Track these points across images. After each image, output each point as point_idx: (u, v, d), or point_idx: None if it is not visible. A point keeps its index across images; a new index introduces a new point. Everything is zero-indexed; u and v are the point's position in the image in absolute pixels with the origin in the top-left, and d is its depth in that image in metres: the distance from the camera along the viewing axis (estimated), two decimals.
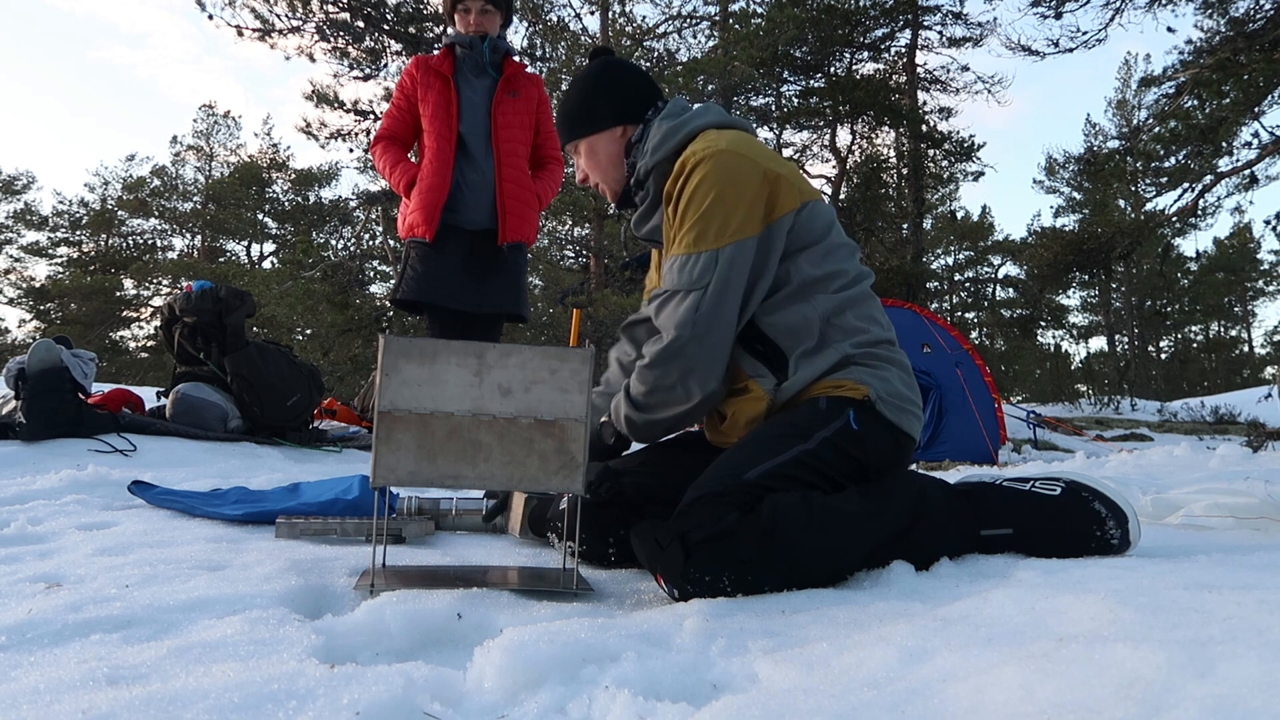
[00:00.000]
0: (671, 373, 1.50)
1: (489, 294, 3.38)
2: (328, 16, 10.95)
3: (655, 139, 1.61)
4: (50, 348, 3.26)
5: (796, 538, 1.27)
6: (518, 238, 3.39)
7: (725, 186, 1.47)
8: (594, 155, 1.69)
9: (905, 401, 1.50)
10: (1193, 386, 34.43)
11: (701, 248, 1.47)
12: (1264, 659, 0.69)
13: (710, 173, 1.48)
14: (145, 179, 30.75)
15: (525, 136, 3.45)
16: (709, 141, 1.52)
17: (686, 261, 1.49)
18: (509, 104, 3.40)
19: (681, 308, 1.48)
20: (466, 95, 3.38)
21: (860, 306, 1.54)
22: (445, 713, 0.83)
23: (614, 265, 10.94)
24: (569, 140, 1.72)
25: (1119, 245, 10.66)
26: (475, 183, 3.36)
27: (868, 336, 1.51)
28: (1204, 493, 2.15)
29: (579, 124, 1.69)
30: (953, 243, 32.21)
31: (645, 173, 1.63)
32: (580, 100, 1.69)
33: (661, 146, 1.59)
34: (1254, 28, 8.43)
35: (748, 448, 1.43)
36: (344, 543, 1.80)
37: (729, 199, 1.47)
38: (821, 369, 1.48)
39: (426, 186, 3.30)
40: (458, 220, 3.35)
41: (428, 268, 3.34)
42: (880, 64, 17.74)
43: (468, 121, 3.36)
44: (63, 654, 0.98)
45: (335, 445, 4.04)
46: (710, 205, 1.47)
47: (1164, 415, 14.49)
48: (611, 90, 1.67)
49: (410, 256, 3.37)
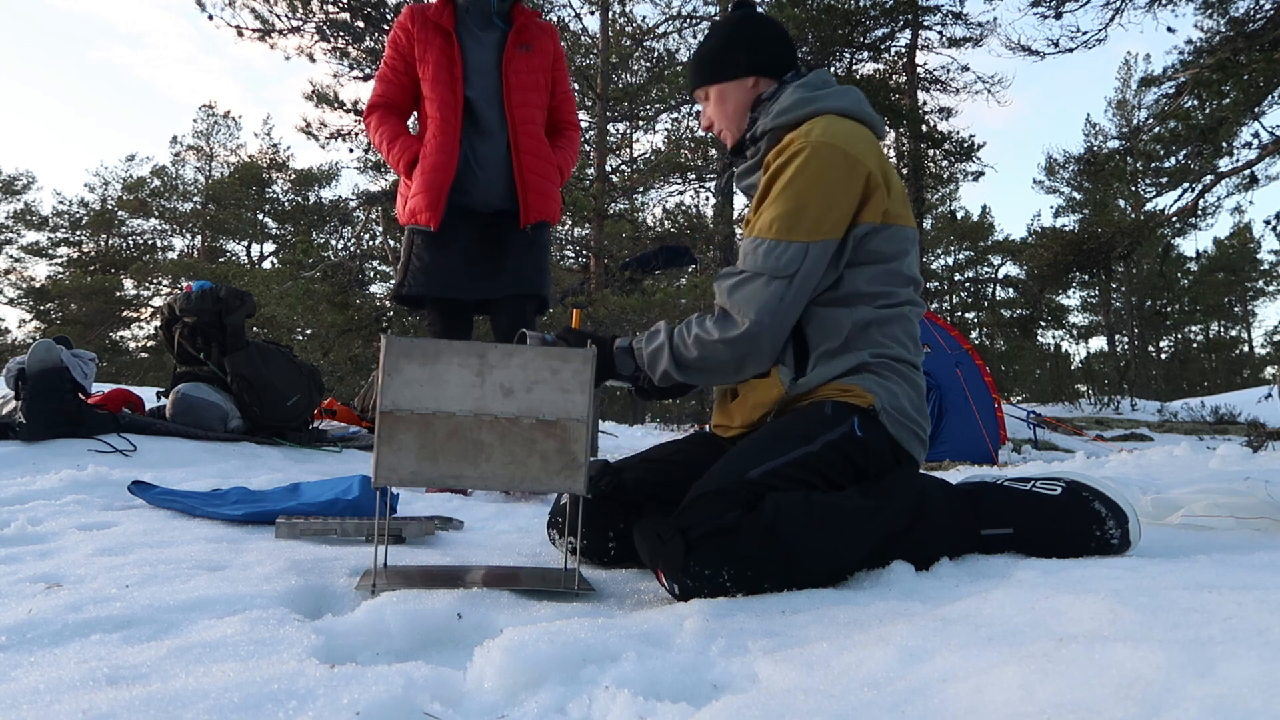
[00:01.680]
0: (736, 354, 1.49)
1: (507, 276, 2.94)
2: (328, 16, 10.94)
3: (784, 103, 1.60)
4: (50, 348, 3.25)
5: (797, 535, 1.27)
6: (542, 217, 2.94)
7: (829, 181, 1.47)
8: (723, 102, 1.69)
9: (910, 420, 1.50)
10: (1193, 386, 34.43)
11: (794, 237, 1.46)
12: (1264, 659, 0.69)
13: (816, 162, 1.47)
14: (145, 179, 30.75)
15: (541, 99, 2.98)
16: (824, 128, 1.51)
17: (775, 247, 1.47)
18: (522, 60, 2.91)
19: (765, 294, 1.47)
20: (473, 52, 2.89)
21: (894, 325, 1.53)
22: (445, 713, 0.83)
23: (614, 265, 10.94)
24: (700, 84, 1.72)
25: (1119, 245, 10.66)
26: (487, 158, 2.90)
27: (889, 351, 1.52)
28: (1204, 493, 2.15)
29: (714, 70, 1.69)
30: (953, 243, 32.20)
31: (762, 132, 1.63)
32: (719, 47, 1.69)
33: (786, 113, 1.59)
34: (1254, 28, 8.42)
35: (751, 448, 1.44)
36: (344, 543, 1.80)
37: (830, 195, 1.47)
38: (836, 371, 1.49)
39: (430, 165, 2.84)
40: (468, 203, 2.91)
41: (434, 258, 2.91)
42: (880, 64, 17.72)
43: (476, 84, 2.87)
44: (63, 654, 0.98)
45: (335, 445, 4.03)
46: (809, 195, 1.47)
47: (1164, 415, 14.50)
48: (751, 42, 1.68)
49: (414, 245, 2.95)
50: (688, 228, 14.77)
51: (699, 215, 15.45)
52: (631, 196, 13.67)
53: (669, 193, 14.57)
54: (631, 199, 14.00)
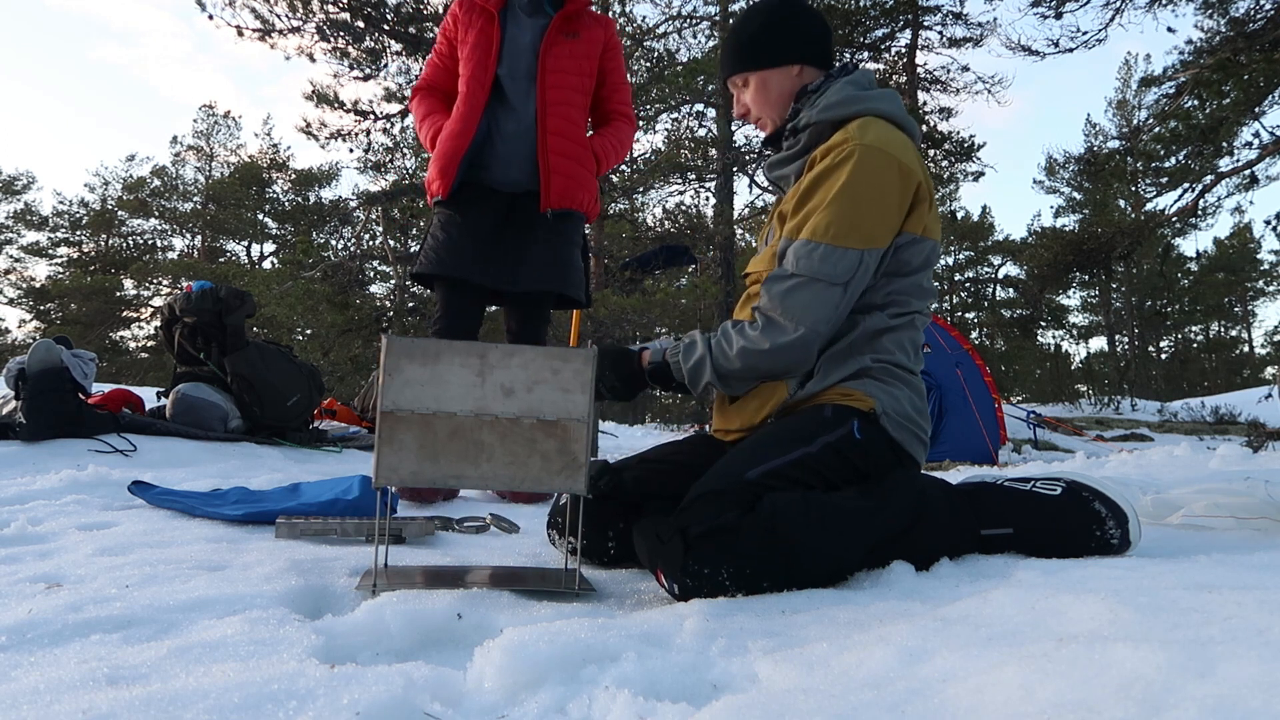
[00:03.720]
0: (785, 361, 1.47)
1: (527, 268, 2.77)
2: (328, 16, 10.94)
3: (833, 97, 1.55)
4: (50, 348, 3.25)
5: (796, 534, 1.27)
6: (566, 204, 2.76)
7: (884, 189, 1.45)
8: (765, 89, 1.63)
9: (911, 423, 1.50)
10: (1193, 386, 34.43)
11: (850, 244, 1.44)
12: (1264, 659, 0.69)
13: (873, 167, 1.44)
14: (145, 179, 30.77)
15: (582, 84, 2.85)
16: (879, 132, 1.47)
17: (831, 253, 1.44)
18: (564, 46, 2.81)
19: (820, 301, 1.44)
20: (512, 34, 2.81)
21: (900, 334, 1.53)
22: (445, 713, 0.83)
23: (614, 265, 10.94)
24: (741, 69, 1.65)
25: (1119, 245, 10.66)
26: (513, 134, 2.78)
27: (891, 357, 1.51)
28: (1204, 493, 2.14)
29: (760, 54, 1.62)
30: (953, 243, 32.21)
31: (806, 124, 1.58)
32: (762, 31, 1.62)
33: (835, 107, 1.55)
34: (1254, 28, 8.42)
35: (750, 449, 1.44)
36: (344, 543, 1.80)
37: (885, 203, 1.45)
38: (839, 375, 1.49)
39: (447, 134, 2.75)
40: (488, 179, 2.79)
41: (447, 236, 2.77)
42: (880, 64, 17.72)
43: (509, 63, 2.79)
44: (63, 654, 0.98)
45: (335, 445, 4.04)
46: (865, 202, 1.44)
47: (1164, 415, 14.50)
48: (797, 28, 1.62)
49: (433, 224, 2.85)
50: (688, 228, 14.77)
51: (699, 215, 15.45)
52: (631, 196, 13.67)
53: (669, 193, 14.58)
54: (631, 199, 14.00)
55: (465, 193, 2.76)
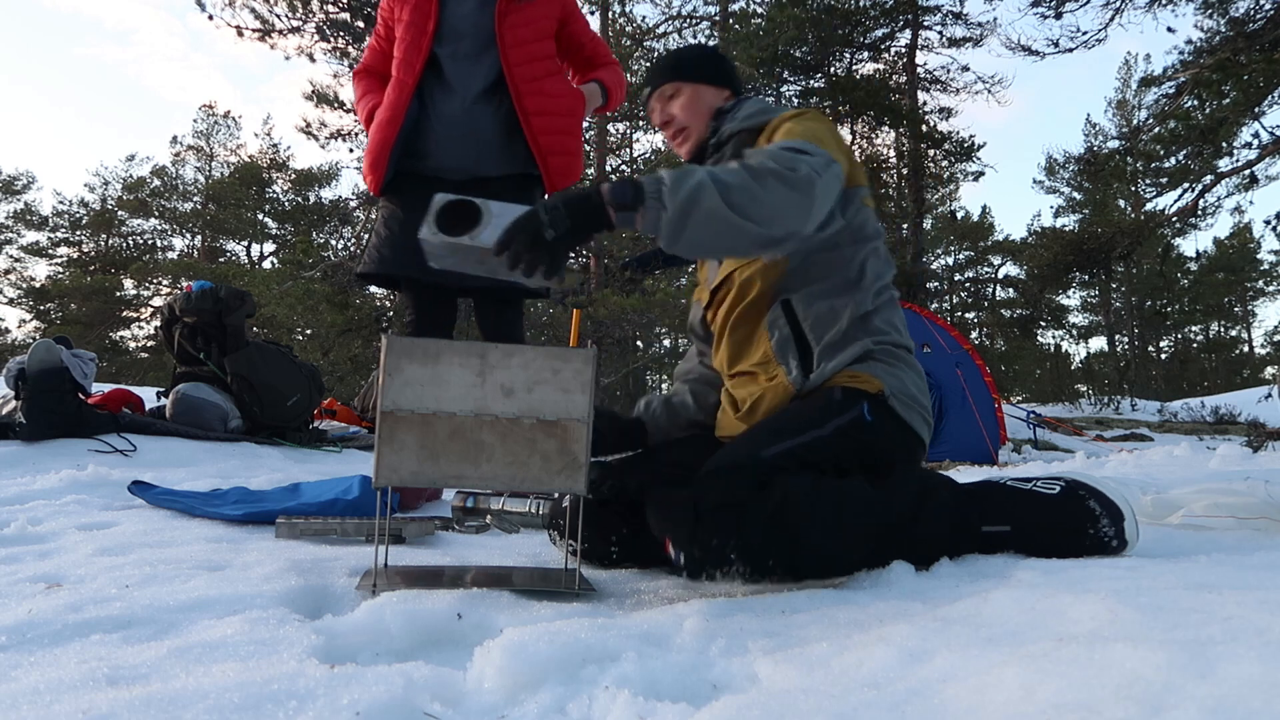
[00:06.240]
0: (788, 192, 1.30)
1: None
2: (328, 16, 10.96)
3: (750, 109, 1.69)
4: (50, 348, 3.26)
5: (804, 514, 1.29)
6: (571, 181, 2.62)
7: (832, 131, 1.54)
8: (697, 102, 1.72)
9: (916, 403, 1.52)
10: (1193, 386, 34.42)
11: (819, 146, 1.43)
12: (1264, 659, 0.69)
13: (816, 119, 1.56)
14: (145, 179, 30.76)
15: (546, 50, 2.63)
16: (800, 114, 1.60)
17: (806, 144, 1.41)
18: (519, 14, 2.56)
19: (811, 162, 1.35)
20: (453, 10, 2.57)
21: (887, 312, 1.57)
22: (445, 713, 0.83)
23: (614, 265, 10.95)
24: (678, 78, 1.74)
25: (1119, 245, 10.67)
26: (452, 116, 2.57)
27: (888, 338, 1.54)
28: (1204, 493, 2.14)
29: (699, 68, 1.75)
30: (953, 243, 32.21)
31: (729, 135, 1.67)
32: (701, 55, 1.79)
33: (755, 116, 1.66)
34: (1254, 28, 8.43)
35: (765, 429, 1.46)
36: (344, 543, 1.80)
37: (836, 140, 1.52)
38: (845, 361, 1.50)
39: (376, 123, 2.57)
40: (426, 168, 2.59)
41: (391, 231, 2.59)
42: (880, 64, 17.73)
43: (449, 42, 2.56)
44: (63, 654, 0.98)
45: (335, 445, 4.04)
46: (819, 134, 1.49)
47: (1164, 415, 14.50)
48: (726, 64, 1.80)
49: (376, 219, 2.68)
50: None
51: None
52: None
53: None
54: None
55: (405, 184, 2.58)
